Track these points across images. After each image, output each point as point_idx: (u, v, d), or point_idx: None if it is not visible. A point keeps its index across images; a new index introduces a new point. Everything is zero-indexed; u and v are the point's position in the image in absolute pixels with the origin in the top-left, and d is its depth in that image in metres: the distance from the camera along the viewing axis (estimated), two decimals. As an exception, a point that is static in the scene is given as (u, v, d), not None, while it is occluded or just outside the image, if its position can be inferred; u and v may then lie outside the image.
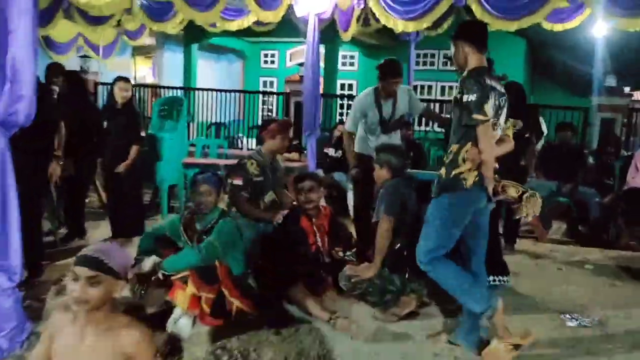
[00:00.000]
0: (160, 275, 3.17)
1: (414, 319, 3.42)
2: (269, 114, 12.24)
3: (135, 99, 4.94)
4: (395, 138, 4.51)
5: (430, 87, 13.03)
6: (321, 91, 9.60)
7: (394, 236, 3.36)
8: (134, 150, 4.66)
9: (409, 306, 3.42)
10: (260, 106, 12.25)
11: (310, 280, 3.49)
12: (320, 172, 6.73)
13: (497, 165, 2.84)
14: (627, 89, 8.81)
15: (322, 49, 9.94)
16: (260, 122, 10.73)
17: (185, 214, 3.48)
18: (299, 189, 3.75)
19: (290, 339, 3.12)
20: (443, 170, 2.85)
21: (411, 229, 3.40)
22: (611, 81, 7.86)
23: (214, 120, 10.61)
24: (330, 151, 6.93)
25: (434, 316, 3.50)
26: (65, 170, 4.72)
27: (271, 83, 14.95)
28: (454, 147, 2.82)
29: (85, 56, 9.92)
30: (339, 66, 12.14)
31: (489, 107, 2.70)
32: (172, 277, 3.17)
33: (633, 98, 8.94)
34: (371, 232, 3.50)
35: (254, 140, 9.77)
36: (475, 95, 2.68)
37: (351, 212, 6.41)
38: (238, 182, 3.79)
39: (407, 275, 3.37)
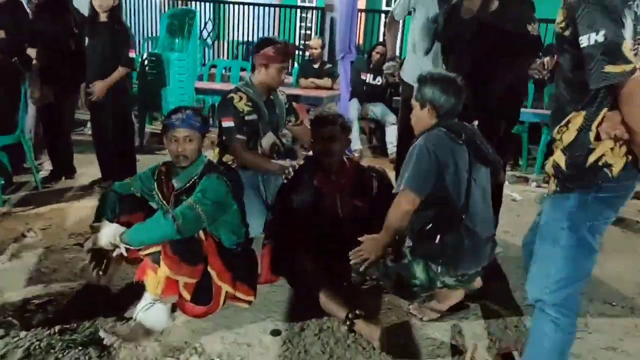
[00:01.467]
0: (123, 251, 2.37)
1: (458, 317, 2.57)
2: (308, 32, 11.09)
3: (122, 9, 3.95)
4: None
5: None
6: (363, 6, 8.44)
7: (423, 209, 2.31)
8: (118, 71, 3.75)
9: (453, 298, 2.57)
10: (298, 23, 11.06)
11: (324, 260, 2.62)
12: (355, 103, 5.78)
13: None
14: None
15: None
16: (297, 41, 9.63)
17: (159, 166, 2.63)
18: (316, 136, 2.82)
19: (292, 342, 2.32)
20: (559, 156, 1.71)
21: (453, 204, 2.33)
22: None
23: (244, 39, 9.55)
24: (368, 77, 5.90)
25: (482, 316, 2.62)
26: (43, 97, 3.97)
27: (311, -3, 13.60)
28: (574, 118, 1.67)
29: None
30: (386, -23, 10.73)
31: (629, 44, 1.51)
32: (141, 253, 2.38)
33: None
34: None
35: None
36: (603, 31, 1.49)
37: (390, 153, 5.53)
38: (229, 123, 2.89)
39: (438, 269, 2.35)
